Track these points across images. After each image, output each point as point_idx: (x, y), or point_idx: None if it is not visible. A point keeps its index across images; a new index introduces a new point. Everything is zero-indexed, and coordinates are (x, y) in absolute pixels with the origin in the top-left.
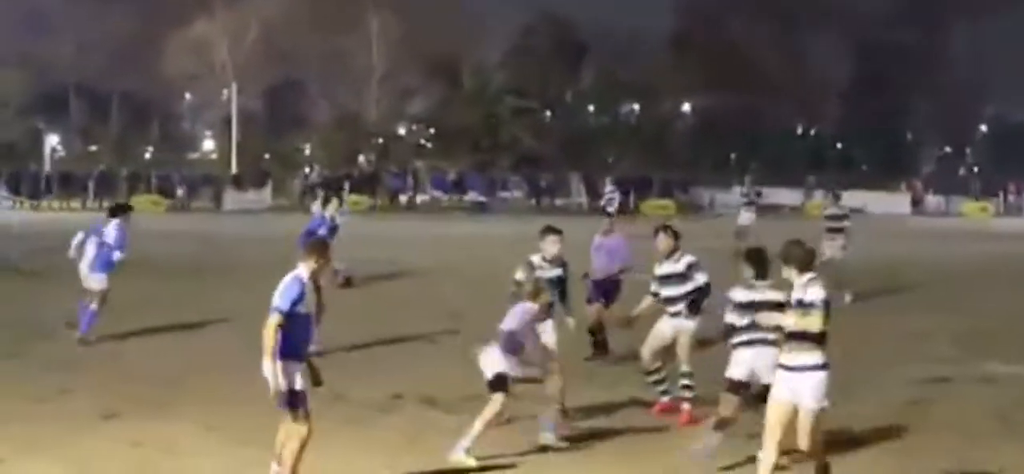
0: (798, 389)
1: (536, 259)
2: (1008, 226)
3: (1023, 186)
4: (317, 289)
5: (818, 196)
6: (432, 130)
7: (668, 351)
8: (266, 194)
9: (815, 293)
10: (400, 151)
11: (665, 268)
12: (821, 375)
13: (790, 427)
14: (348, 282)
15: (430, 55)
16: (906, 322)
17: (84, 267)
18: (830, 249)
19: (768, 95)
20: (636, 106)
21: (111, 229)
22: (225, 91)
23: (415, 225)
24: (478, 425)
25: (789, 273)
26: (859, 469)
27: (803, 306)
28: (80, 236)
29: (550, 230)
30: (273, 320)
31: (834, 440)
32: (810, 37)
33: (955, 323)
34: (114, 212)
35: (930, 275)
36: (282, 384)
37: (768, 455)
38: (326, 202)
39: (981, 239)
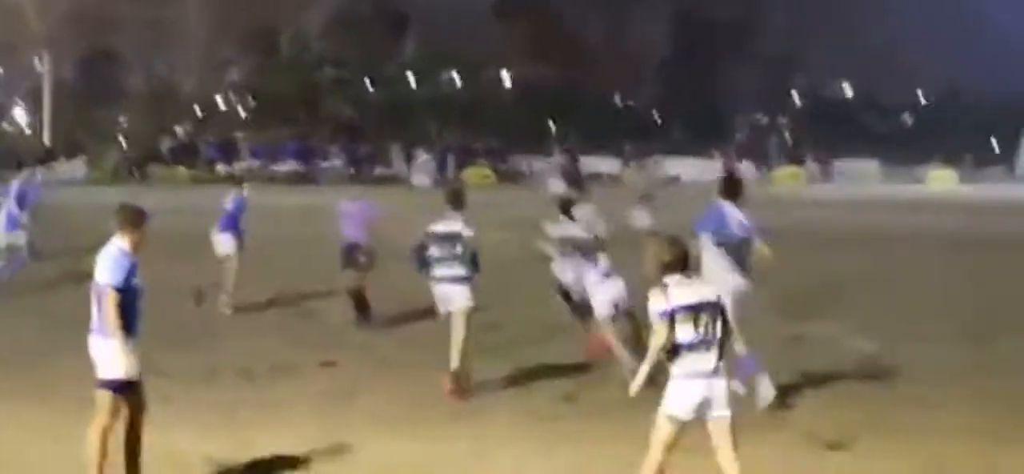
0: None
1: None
2: (817, 193)
3: (825, 155)
4: None
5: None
6: (251, 100)
7: None
8: (79, 167)
9: None
10: (218, 122)
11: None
12: None
13: None
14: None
15: (248, 24)
16: None
17: None
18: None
19: (587, 66)
20: (457, 76)
21: None
22: (37, 61)
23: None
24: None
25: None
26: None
27: None
28: None
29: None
30: (111, 297)
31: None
32: (629, 9)
33: (762, 287)
34: None
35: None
36: (129, 367)
37: None
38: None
39: (792, 206)
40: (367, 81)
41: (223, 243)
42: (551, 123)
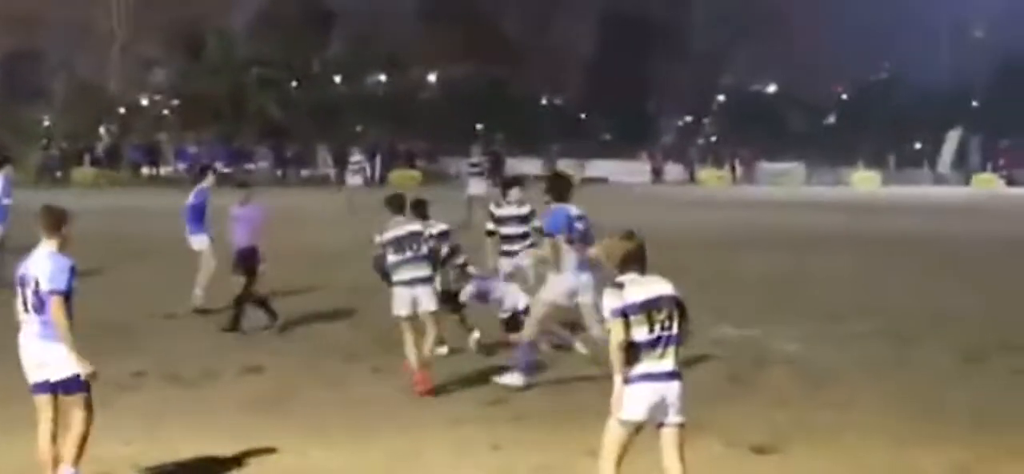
0: None
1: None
2: (742, 193)
3: (748, 156)
4: None
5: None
6: (176, 101)
7: None
8: None
9: None
10: (143, 123)
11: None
12: None
13: None
14: None
15: (173, 24)
16: None
17: None
18: None
19: (514, 65)
20: (383, 76)
21: None
22: None
23: (159, 198)
24: None
25: None
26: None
27: None
28: None
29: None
30: (59, 304)
31: (571, 409)
32: (554, 7)
33: (688, 290)
34: None
35: (668, 243)
36: (85, 367)
37: None
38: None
39: (718, 206)
40: (293, 81)
41: (197, 241)
42: (478, 124)
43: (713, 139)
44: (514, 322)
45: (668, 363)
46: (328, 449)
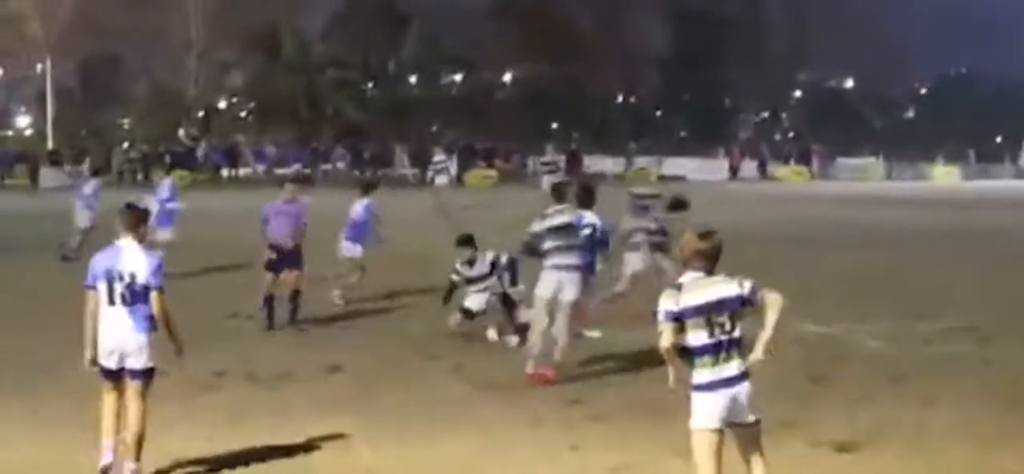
0: None
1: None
2: (821, 189)
3: (826, 152)
4: None
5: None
6: (252, 103)
7: None
8: (85, 171)
9: None
10: (221, 125)
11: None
12: None
13: None
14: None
15: (249, 27)
16: None
17: None
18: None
19: (589, 64)
20: (458, 76)
21: None
22: (39, 66)
23: (238, 199)
24: None
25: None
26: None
27: None
28: None
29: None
30: (161, 297)
31: (649, 408)
32: (628, 5)
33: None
34: None
35: (749, 240)
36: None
37: None
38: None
39: (797, 202)
40: (369, 82)
41: (348, 250)
42: (553, 123)
43: (791, 135)
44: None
45: (733, 366)
46: (405, 446)
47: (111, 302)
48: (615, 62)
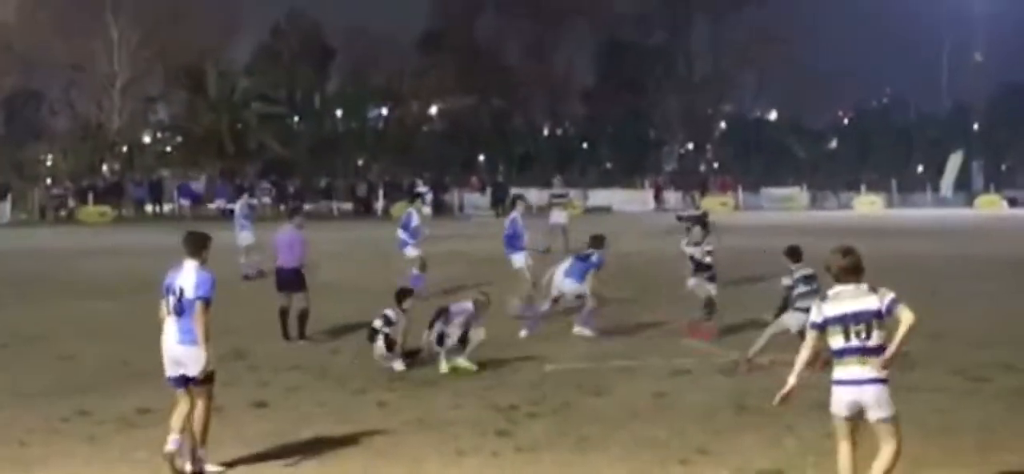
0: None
1: None
2: (746, 219)
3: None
4: None
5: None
6: (178, 137)
7: None
8: (5, 208)
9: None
10: (145, 160)
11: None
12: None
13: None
14: None
15: (173, 61)
16: (649, 315)
17: None
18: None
19: (515, 96)
20: (384, 110)
21: None
22: None
23: (160, 236)
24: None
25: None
26: (603, 466)
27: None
28: None
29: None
30: (204, 309)
31: (576, 440)
32: (554, 39)
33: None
34: None
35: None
36: (211, 363)
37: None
38: None
39: (722, 233)
40: (294, 116)
41: (516, 259)
42: (480, 155)
43: (715, 165)
44: None
45: (867, 369)
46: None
47: (168, 313)
48: (541, 94)
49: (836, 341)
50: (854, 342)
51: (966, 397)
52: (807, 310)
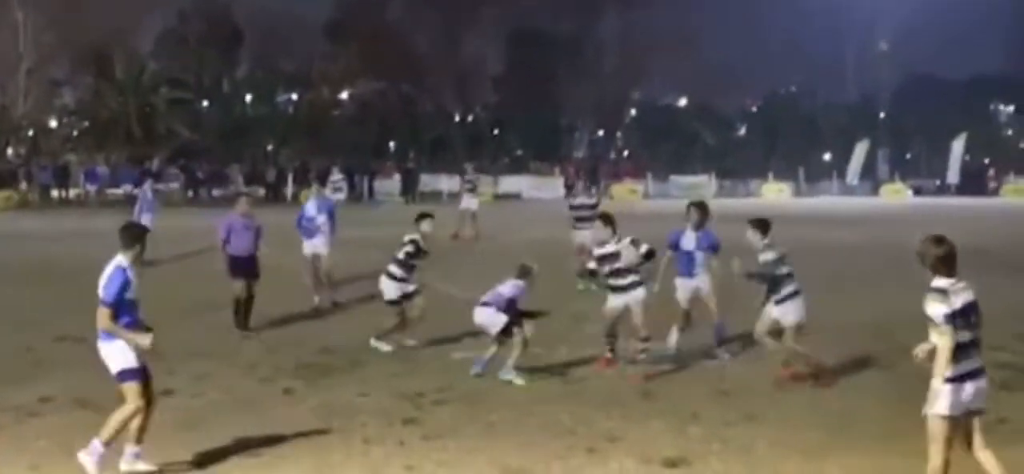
0: None
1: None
2: (654, 207)
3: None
4: None
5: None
6: (85, 122)
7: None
8: None
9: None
10: (51, 144)
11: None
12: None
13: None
14: None
15: (80, 45)
16: (559, 304)
17: None
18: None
19: (425, 82)
20: (294, 95)
21: None
22: None
23: (66, 220)
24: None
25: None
26: (511, 452)
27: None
28: None
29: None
30: (105, 313)
31: (483, 427)
32: (464, 25)
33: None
34: None
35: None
36: (129, 359)
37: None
38: None
39: (632, 220)
40: (203, 101)
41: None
42: (391, 141)
43: (625, 153)
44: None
45: (979, 361)
46: (240, 472)
47: None
48: (451, 81)
49: (964, 335)
50: (972, 334)
51: (869, 383)
52: (794, 296)
